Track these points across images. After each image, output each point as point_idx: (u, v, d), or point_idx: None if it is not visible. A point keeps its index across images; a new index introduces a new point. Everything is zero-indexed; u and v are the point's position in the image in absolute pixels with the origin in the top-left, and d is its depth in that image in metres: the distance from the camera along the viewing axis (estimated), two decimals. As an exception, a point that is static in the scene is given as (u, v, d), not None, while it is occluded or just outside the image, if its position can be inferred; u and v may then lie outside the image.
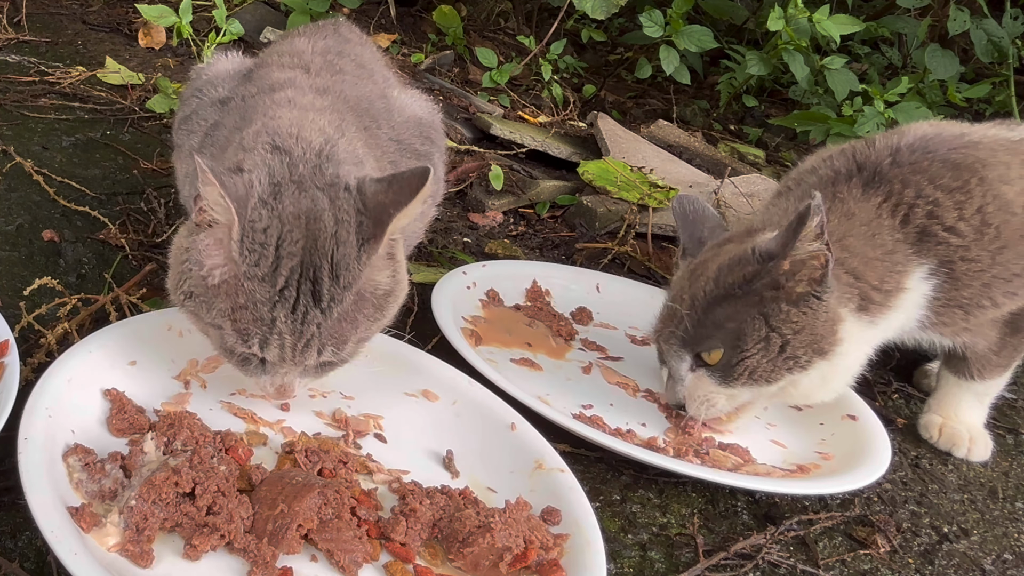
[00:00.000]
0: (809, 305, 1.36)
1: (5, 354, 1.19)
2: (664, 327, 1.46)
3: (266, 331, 1.14)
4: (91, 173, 1.90)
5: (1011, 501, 1.55)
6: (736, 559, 1.28)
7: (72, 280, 1.56)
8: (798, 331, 1.35)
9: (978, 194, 1.45)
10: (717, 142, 2.99)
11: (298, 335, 1.15)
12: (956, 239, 1.43)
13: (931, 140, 1.50)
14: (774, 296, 1.36)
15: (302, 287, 1.13)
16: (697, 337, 1.39)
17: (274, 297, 1.13)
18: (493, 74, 2.84)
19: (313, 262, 1.13)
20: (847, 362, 1.41)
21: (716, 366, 1.39)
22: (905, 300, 1.44)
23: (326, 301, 1.14)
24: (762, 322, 1.36)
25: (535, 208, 2.24)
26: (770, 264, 1.34)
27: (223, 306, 1.14)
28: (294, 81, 1.38)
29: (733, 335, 1.37)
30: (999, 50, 3.04)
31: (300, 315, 1.14)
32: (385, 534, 1.12)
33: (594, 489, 1.35)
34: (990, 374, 1.59)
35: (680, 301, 1.43)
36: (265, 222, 1.12)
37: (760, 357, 1.36)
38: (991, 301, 1.47)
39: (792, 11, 2.78)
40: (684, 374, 1.43)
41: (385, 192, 1.16)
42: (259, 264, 1.12)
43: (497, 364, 1.51)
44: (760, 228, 1.47)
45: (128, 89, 2.29)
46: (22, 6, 2.59)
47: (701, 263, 1.46)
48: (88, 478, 1.06)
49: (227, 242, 1.12)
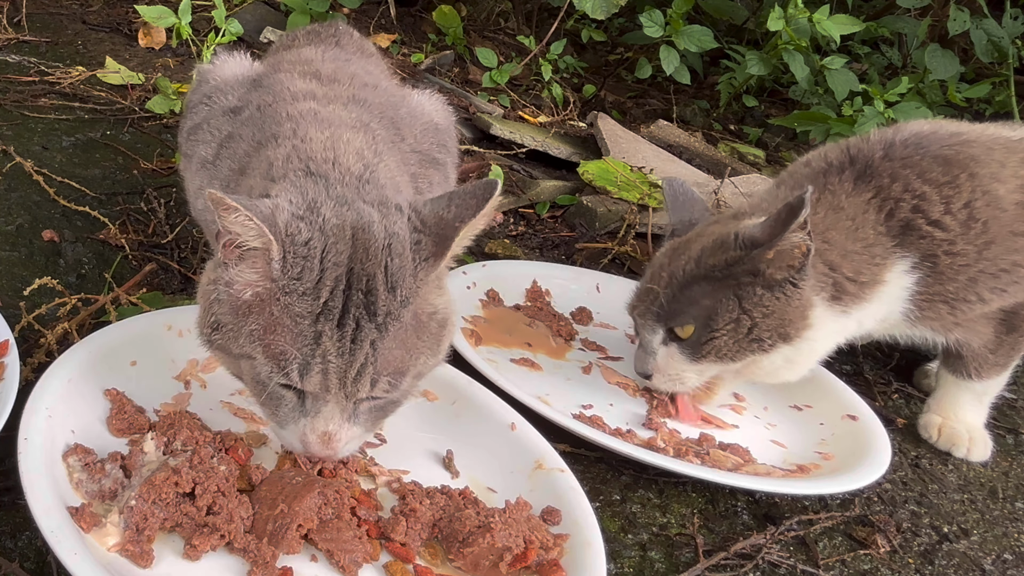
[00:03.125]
0: (784, 291, 1.40)
1: (5, 354, 1.19)
2: (640, 302, 1.50)
3: (307, 352, 1.00)
4: (91, 173, 1.90)
5: (1011, 501, 1.55)
6: (736, 559, 1.28)
7: (72, 280, 1.56)
8: (767, 315, 1.40)
9: (967, 189, 1.46)
10: (717, 142, 2.99)
11: (348, 356, 1.00)
12: (941, 233, 1.45)
13: (926, 136, 1.52)
14: (751, 280, 1.39)
15: (352, 298, 1.01)
16: (671, 312, 1.44)
17: (317, 310, 1.00)
18: (493, 74, 2.84)
19: (365, 271, 1.02)
20: (813, 347, 1.45)
21: (686, 341, 1.44)
22: (883, 293, 1.46)
23: (382, 315, 1.01)
24: (735, 303, 1.40)
25: (535, 208, 2.24)
26: (754, 252, 1.38)
27: (254, 328, 1.01)
28: (313, 93, 1.31)
29: (706, 313, 1.41)
30: (999, 50, 3.04)
31: (350, 331, 1.00)
32: (385, 534, 1.12)
33: (594, 489, 1.35)
34: (988, 373, 1.59)
35: (658, 278, 1.47)
36: (306, 234, 1.02)
37: (728, 337, 1.41)
38: (977, 296, 1.49)
39: (792, 11, 2.78)
40: (656, 347, 1.47)
41: (447, 207, 1.07)
42: (301, 277, 1.00)
43: (497, 364, 1.51)
44: (747, 213, 1.51)
45: (128, 89, 2.29)
46: (22, 6, 2.59)
47: (684, 242, 1.50)
48: (88, 478, 1.06)
49: (263, 263, 1.02)
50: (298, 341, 1.00)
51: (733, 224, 1.46)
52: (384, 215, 1.06)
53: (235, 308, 1.03)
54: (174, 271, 1.63)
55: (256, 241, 1.01)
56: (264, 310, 1.01)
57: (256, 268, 1.02)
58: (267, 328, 1.01)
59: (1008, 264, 1.48)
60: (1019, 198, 1.48)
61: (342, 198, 1.07)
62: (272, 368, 1.01)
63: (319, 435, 1.04)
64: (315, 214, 1.04)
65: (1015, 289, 1.50)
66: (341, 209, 1.05)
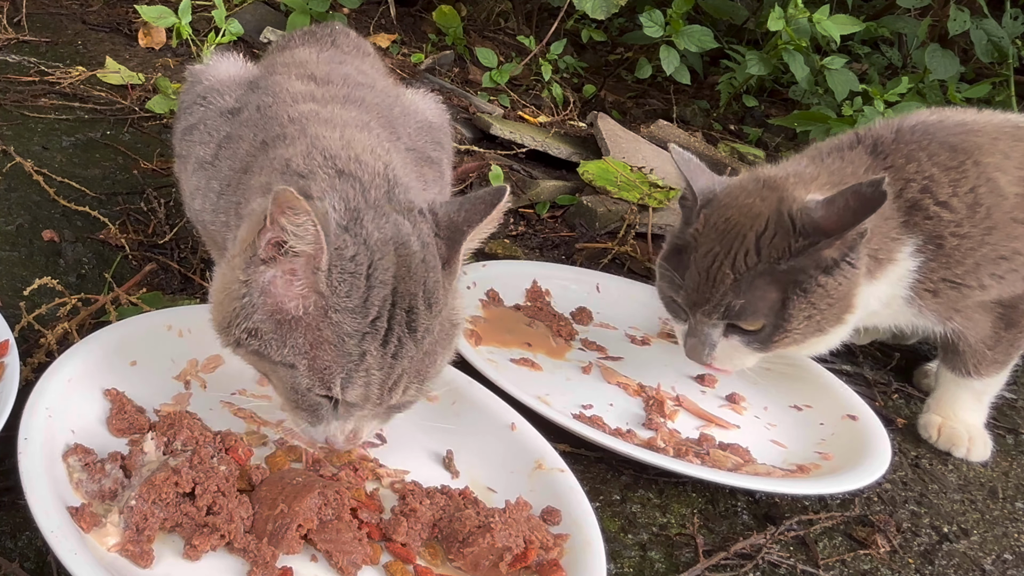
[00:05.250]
0: (843, 274, 1.37)
1: (5, 354, 1.19)
2: (699, 296, 1.43)
3: (351, 368, 1.03)
4: (91, 173, 1.90)
5: (1011, 501, 1.55)
6: (736, 559, 1.28)
7: (72, 280, 1.56)
8: (832, 303, 1.38)
9: (972, 175, 1.47)
10: (717, 142, 2.99)
11: (388, 371, 1.05)
12: (948, 214, 1.46)
13: (932, 124, 1.53)
14: (814, 270, 1.37)
15: (395, 317, 1.04)
16: (740, 311, 1.39)
17: (364, 329, 1.03)
18: (493, 74, 2.84)
19: (408, 290, 1.05)
20: (851, 325, 1.45)
21: (753, 334, 1.41)
22: (891, 272, 1.46)
23: (421, 331, 1.06)
24: (803, 296, 1.37)
25: (535, 208, 2.24)
26: (820, 242, 1.34)
27: (300, 342, 1.04)
28: (312, 94, 1.32)
29: (774, 308, 1.38)
30: (999, 50, 3.04)
31: (393, 348, 1.05)
32: (386, 535, 1.12)
33: (594, 489, 1.35)
34: (987, 370, 1.59)
35: (717, 272, 1.40)
36: (352, 249, 1.03)
37: (798, 331, 1.40)
38: (978, 282, 1.49)
39: (792, 11, 2.78)
40: (716, 339, 1.44)
41: (457, 212, 1.10)
42: (350, 295, 1.02)
43: (497, 364, 1.51)
44: (783, 181, 1.45)
45: (128, 89, 2.28)
46: (22, 6, 2.59)
47: (727, 221, 1.42)
48: (88, 478, 1.06)
49: (307, 272, 1.03)
50: (344, 358, 1.03)
51: (770, 195, 1.41)
52: (414, 224, 1.08)
53: (278, 318, 1.04)
54: (174, 271, 1.63)
55: (308, 247, 1.01)
56: (312, 325, 1.03)
57: (299, 276, 1.03)
58: (314, 343, 1.03)
59: (1008, 251, 1.49)
60: (1019, 190, 1.49)
61: (379, 207, 1.08)
62: (315, 381, 1.04)
63: (347, 434, 1.09)
64: (359, 225, 1.05)
65: (1012, 278, 1.51)
66: (380, 221, 1.06)
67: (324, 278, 1.02)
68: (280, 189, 0.99)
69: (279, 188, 0.99)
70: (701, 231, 1.44)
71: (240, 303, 1.06)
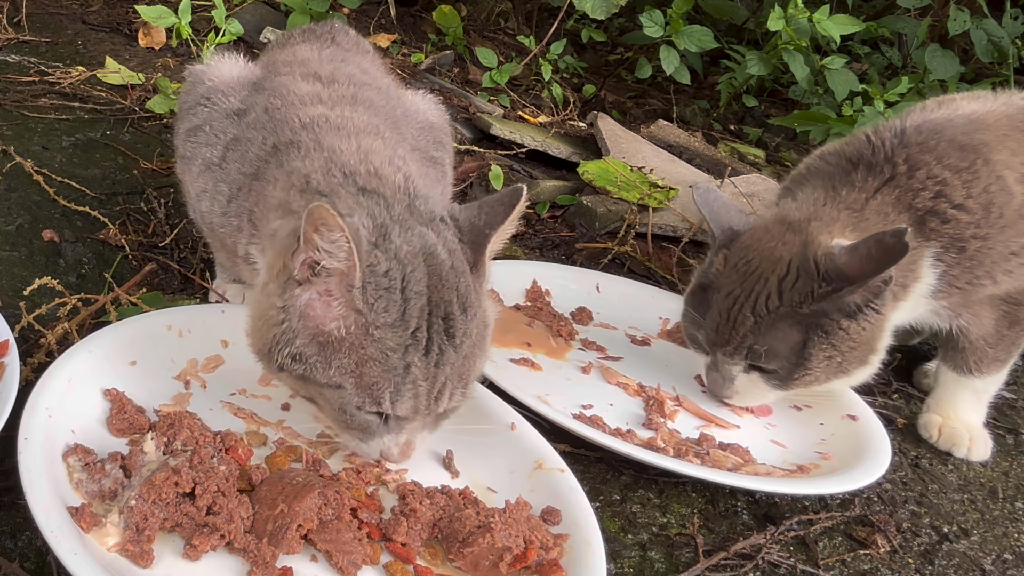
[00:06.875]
0: (867, 319, 1.39)
1: (5, 354, 1.19)
2: (720, 337, 1.46)
3: (398, 381, 1.06)
4: (91, 173, 1.90)
5: (1011, 501, 1.55)
6: (736, 559, 1.28)
7: (72, 280, 1.56)
8: (854, 347, 1.40)
9: (984, 175, 1.48)
10: (717, 142, 2.99)
11: (432, 380, 1.07)
12: (966, 216, 1.46)
13: (939, 123, 1.53)
14: (836, 313, 1.39)
15: (433, 326, 1.07)
16: (762, 353, 1.42)
17: (406, 341, 1.05)
18: (493, 74, 2.84)
19: (443, 298, 1.07)
20: (875, 366, 1.47)
21: (774, 372, 1.44)
22: (916, 290, 1.48)
23: (459, 336, 1.08)
24: (824, 339, 1.39)
25: (535, 208, 2.24)
26: (843, 289, 1.36)
27: (345, 362, 1.05)
28: (319, 95, 1.32)
29: (795, 351, 1.40)
30: (999, 50, 3.04)
31: (435, 357, 1.07)
32: (386, 535, 1.12)
33: (594, 489, 1.35)
34: (987, 368, 1.59)
35: (738, 314, 1.43)
36: (384, 265, 1.05)
37: (819, 371, 1.42)
38: (991, 278, 1.50)
39: (792, 11, 2.78)
40: (735, 374, 1.48)
41: (478, 216, 1.13)
42: (388, 310, 1.04)
43: (497, 364, 1.51)
44: (798, 219, 1.46)
45: (128, 89, 2.28)
46: (22, 6, 2.59)
47: (748, 264, 1.45)
48: (88, 478, 1.06)
49: (342, 291, 1.04)
50: (390, 373, 1.05)
51: (792, 239, 1.43)
52: (438, 233, 1.10)
53: (320, 341, 1.06)
54: (174, 271, 1.63)
55: (340, 263, 1.03)
56: (356, 344, 1.05)
57: (335, 296, 1.05)
58: (359, 362, 1.05)
59: (1017, 247, 1.50)
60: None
61: (404, 221, 1.10)
62: (364, 399, 1.06)
63: (401, 447, 1.12)
64: (387, 241, 1.07)
65: (1021, 272, 1.52)
66: (407, 234, 1.08)
67: (359, 295, 1.03)
68: (315, 206, 1.00)
69: (314, 205, 1.00)
70: (722, 272, 1.47)
71: (280, 328, 1.07)
